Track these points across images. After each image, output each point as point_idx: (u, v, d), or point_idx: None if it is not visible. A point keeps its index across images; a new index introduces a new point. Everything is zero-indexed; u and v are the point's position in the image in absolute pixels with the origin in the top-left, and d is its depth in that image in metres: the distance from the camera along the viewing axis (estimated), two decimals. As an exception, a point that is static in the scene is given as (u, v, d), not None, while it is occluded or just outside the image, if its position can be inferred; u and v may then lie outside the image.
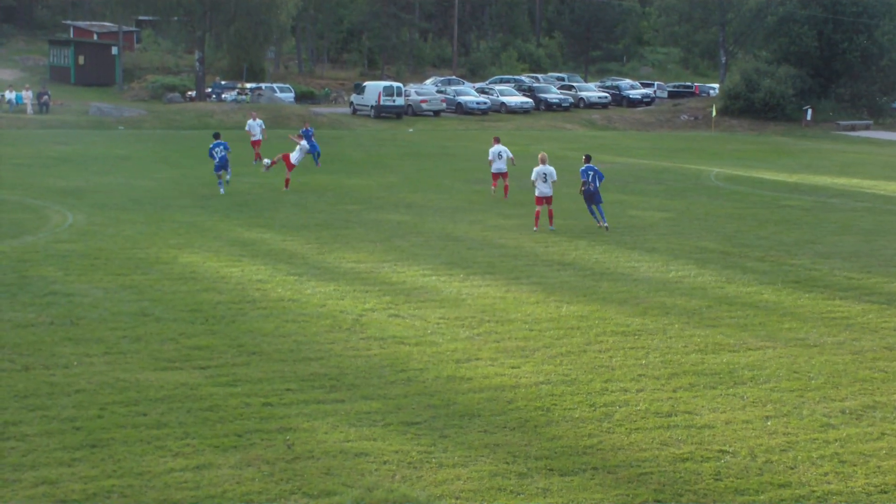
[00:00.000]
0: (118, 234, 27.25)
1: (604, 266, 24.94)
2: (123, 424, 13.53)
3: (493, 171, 36.38)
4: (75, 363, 16.12)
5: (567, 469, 12.53)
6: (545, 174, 29.72)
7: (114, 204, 32.63)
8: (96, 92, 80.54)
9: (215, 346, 17.20)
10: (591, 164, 30.17)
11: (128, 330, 18.11)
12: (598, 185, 29.88)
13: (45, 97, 68.78)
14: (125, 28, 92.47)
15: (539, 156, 30.45)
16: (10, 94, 68.55)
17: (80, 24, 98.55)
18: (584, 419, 14.28)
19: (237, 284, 21.92)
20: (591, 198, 29.90)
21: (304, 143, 38.56)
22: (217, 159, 36.11)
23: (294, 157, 37.30)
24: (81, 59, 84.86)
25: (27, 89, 69.72)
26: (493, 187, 36.95)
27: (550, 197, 30.05)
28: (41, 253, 24.62)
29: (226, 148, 36.30)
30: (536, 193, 30.03)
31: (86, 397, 14.56)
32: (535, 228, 29.80)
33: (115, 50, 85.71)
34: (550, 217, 30.08)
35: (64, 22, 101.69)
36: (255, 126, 45.61)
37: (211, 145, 37.01)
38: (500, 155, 35.99)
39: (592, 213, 30.25)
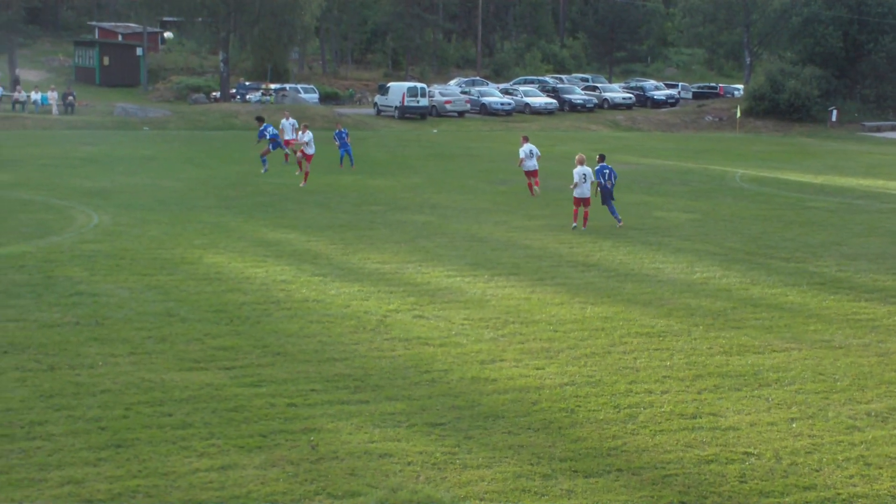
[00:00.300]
0: (143, 235, 27.36)
1: (628, 267, 24.88)
2: (149, 424, 13.59)
3: (524, 169, 36.67)
4: (101, 363, 16.20)
5: (591, 471, 12.51)
6: (585, 174, 29.84)
7: (139, 204, 32.77)
8: (121, 93, 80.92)
9: (240, 347, 17.25)
10: (605, 164, 30.50)
11: (153, 330, 18.18)
12: (613, 184, 30.27)
13: (71, 98, 69.15)
14: (150, 29, 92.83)
15: (577, 157, 30.54)
16: (35, 95, 68.95)
17: (105, 25, 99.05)
18: (609, 421, 14.24)
19: (262, 285, 21.97)
20: (606, 197, 30.26)
21: (304, 135, 39.15)
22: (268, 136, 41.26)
23: (310, 150, 38.25)
24: (106, 60, 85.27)
25: (52, 90, 70.11)
26: (535, 187, 37.18)
27: (588, 199, 30.14)
28: (67, 253, 24.74)
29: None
30: (576, 194, 30.11)
31: (111, 397, 14.62)
32: (574, 224, 30.14)
33: (139, 51, 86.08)
34: (585, 219, 30.16)
35: (89, 23, 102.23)
36: (287, 126, 45.64)
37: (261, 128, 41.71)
38: (531, 153, 36.34)
39: (613, 211, 30.43)
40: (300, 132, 40.39)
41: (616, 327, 19.22)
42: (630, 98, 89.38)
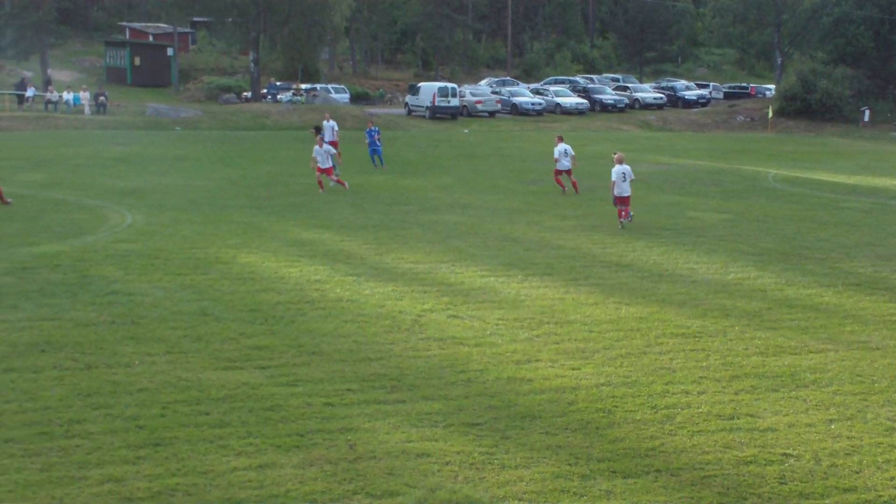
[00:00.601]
0: (177, 234, 27.47)
1: (662, 267, 24.77)
2: (186, 423, 13.62)
3: (558, 168, 36.83)
4: (137, 362, 16.26)
5: (630, 471, 12.45)
6: (624, 173, 29.85)
7: (172, 204, 32.91)
8: (152, 93, 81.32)
9: (275, 346, 17.28)
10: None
11: (188, 329, 18.24)
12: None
13: (102, 98, 69.54)
14: (180, 29, 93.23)
15: (615, 156, 30.59)
16: (67, 95, 69.35)
17: (136, 25, 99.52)
18: (646, 421, 14.18)
19: (296, 284, 22.01)
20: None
21: (317, 148, 37.47)
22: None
23: (326, 164, 36.75)
24: (137, 61, 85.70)
25: (84, 90, 70.52)
26: (563, 188, 37.21)
27: (628, 197, 30.11)
28: (101, 253, 24.87)
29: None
30: (616, 193, 30.10)
31: (148, 396, 14.67)
32: (621, 222, 30.30)
33: (170, 51, 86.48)
34: (625, 215, 30.18)
35: (119, 23, 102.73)
36: (328, 128, 45.59)
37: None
38: (565, 153, 36.50)
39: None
40: (316, 145, 38.87)
41: (651, 328, 19.13)
42: (661, 98, 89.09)
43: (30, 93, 70.20)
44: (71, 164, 44.20)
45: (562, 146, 36.62)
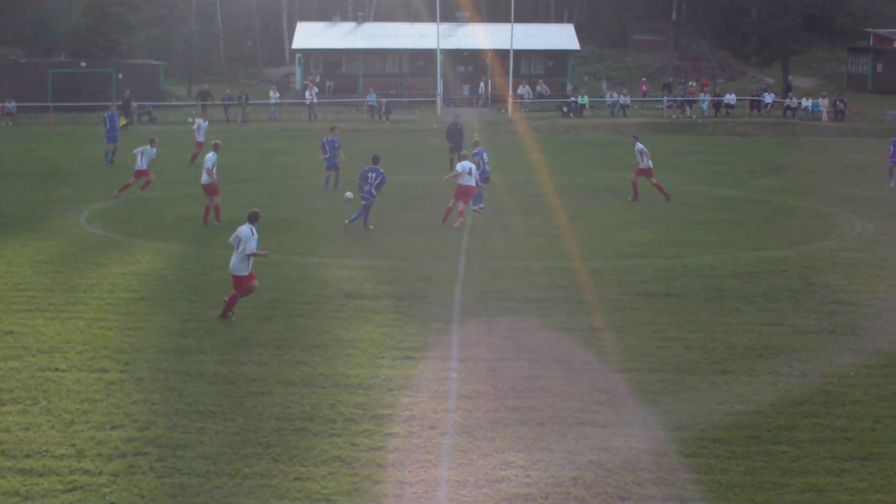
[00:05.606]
0: (908, 245, 26.56)
1: None
2: (896, 440, 13.23)
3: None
4: (852, 373, 16.01)
5: None
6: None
7: (904, 213, 31.82)
8: (893, 100, 78.89)
9: None
10: None
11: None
12: None
13: (841, 105, 68.86)
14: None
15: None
16: (806, 102, 69.32)
17: (880, 31, 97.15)
18: None
19: None
20: None
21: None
22: None
23: None
24: (879, 67, 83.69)
25: (823, 97, 70.24)
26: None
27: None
28: (827, 260, 24.74)
29: None
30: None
31: (860, 408, 14.42)
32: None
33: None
34: None
35: (864, 29, 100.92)
36: None
37: None
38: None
39: None
40: None
41: None
42: None
43: (767, 99, 71.32)
44: (805, 170, 44.44)
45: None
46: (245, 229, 18.65)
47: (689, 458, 12.61)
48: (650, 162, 33.56)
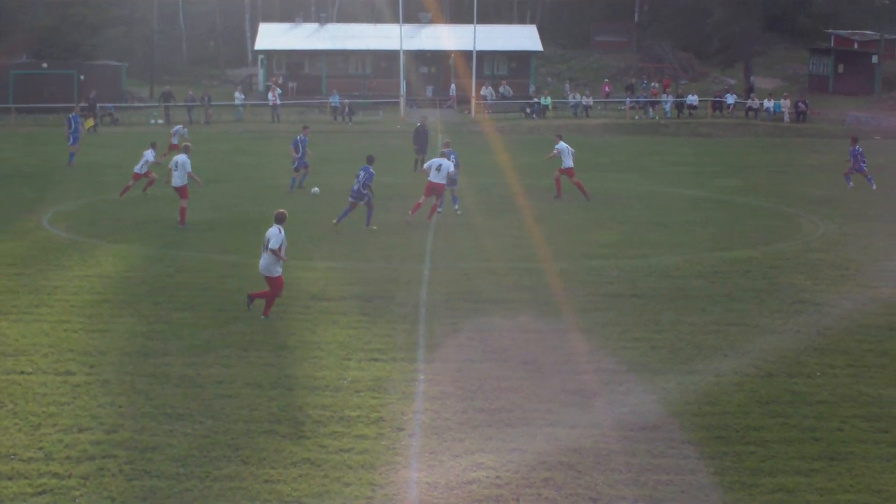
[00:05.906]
0: (870, 246, 26.70)
1: None
2: (863, 439, 13.32)
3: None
4: (818, 373, 16.10)
5: None
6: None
7: (868, 214, 32.00)
8: (853, 101, 79.53)
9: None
10: None
11: (874, 343, 17.71)
12: None
13: (802, 106, 69.32)
14: (887, 36, 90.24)
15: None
16: (768, 103, 69.75)
17: (841, 32, 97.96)
18: None
19: None
20: None
21: None
22: None
23: None
24: (840, 68, 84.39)
25: (785, 98, 70.74)
26: None
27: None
28: (791, 261, 24.87)
29: None
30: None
31: (827, 408, 14.50)
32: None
33: (874, 58, 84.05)
34: None
35: (824, 31, 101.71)
36: None
37: None
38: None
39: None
40: None
41: None
42: None
43: (730, 100, 71.76)
44: (768, 170, 44.72)
45: None
46: (273, 230, 18.87)
47: (658, 459, 12.64)
48: (571, 161, 33.92)
